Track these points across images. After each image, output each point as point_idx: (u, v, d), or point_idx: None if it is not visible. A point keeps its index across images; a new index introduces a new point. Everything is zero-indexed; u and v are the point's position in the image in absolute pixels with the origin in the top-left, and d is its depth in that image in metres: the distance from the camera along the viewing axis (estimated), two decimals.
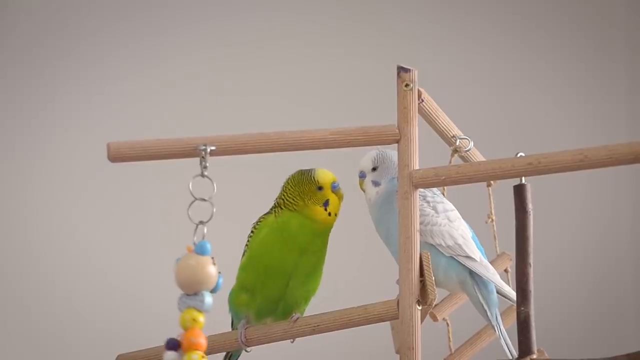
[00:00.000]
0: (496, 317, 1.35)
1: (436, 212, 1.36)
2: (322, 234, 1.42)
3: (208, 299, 1.16)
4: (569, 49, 2.41)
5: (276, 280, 1.40)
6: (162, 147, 1.24)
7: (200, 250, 1.16)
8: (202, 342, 1.15)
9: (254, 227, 1.44)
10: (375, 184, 1.39)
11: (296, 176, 1.44)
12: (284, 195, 1.43)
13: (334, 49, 2.37)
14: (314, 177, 1.42)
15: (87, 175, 2.27)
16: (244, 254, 1.43)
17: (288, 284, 1.40)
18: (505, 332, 1.35)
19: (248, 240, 1.44)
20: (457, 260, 1.34)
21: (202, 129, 1.44)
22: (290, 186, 1.43)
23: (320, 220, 1.41)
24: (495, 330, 1.35)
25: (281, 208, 1.42)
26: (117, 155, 1.23)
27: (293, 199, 1.42)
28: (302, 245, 1.40)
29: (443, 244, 1.34)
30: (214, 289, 1.17)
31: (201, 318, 1.15)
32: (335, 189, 1.43)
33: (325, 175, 1.43)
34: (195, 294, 1.16)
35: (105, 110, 2.29)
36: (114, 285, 2.25)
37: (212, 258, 1.16)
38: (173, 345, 1.15)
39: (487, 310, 1.35)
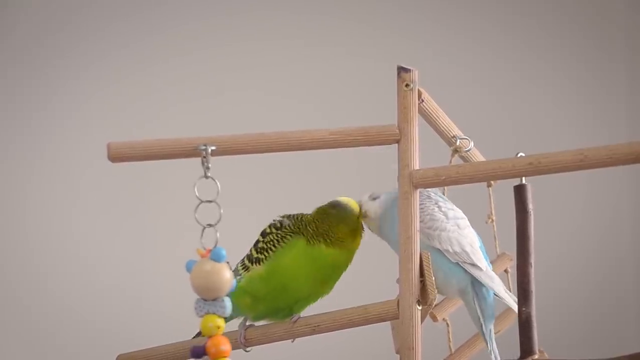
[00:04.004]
0: (490, 332, 1.34)
1: (447, 218, 1.35)
2: (348, 264, 1.40)
3: (229, 304, 1.16)
4: (569, 49, 2.41)
5: (287, 298, 1.38)
6: (162, 147, 1.24)
7: (215, 257, 1.15)
8: (228, 348, 1.15)
9: (278, 241, 1.39)
10: (374, 197, 1.39)
11: (340, 213, 1.39)
12: (329, 230, 1.38)
13: (334, 49, 2.37)
14: (353, 210, 1.39)
15: (87, 175, 2.27)
16: (257, 261, 1.39)
17: (297, 301, 1.39)
18: (496, 348, 1.34)
19: (265, 249, 1.39)
20: (461, 267, 1.34)
21: (202, 129, 1.44)
22: (341, 224, 1.38)
23: (355, 250, 1.40)
24: (487, 345, 1.34)
25: (316, 237, 1.38)
26: (117, 155, 1.22)
27: (341, 237, 1.38)
28: (329, 279, 1.38)
29: (450, 250, 1.34)
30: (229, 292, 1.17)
31: (223, 324, 1.16)
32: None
33: (356, 205, 1.40)
34: (214, 299, 1.16)
35: (105, 110, 2.29)
36: (114, 285, 2.25)
37: (228, 262, 1.16)
38: (199, 352, 1.15)
39: (483, 324, 1.34)
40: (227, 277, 1.15)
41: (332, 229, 1.38)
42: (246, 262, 1.41)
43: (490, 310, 1.34)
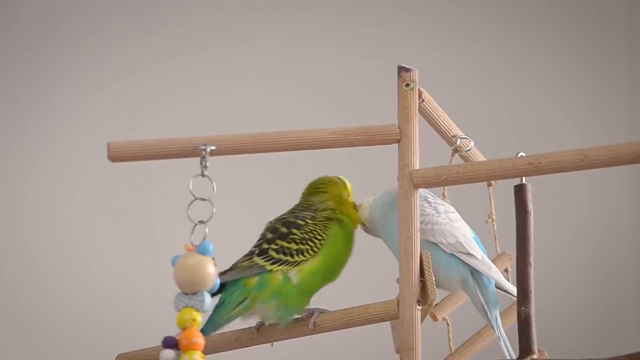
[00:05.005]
0: (496, 319, 1.35)
1: (437, 212, 1.36)
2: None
3: (208, 299, 1.16)
4: (570, 49, 2.41)
5: (324, 284, 1.38)
6: (162, 146, 1.24)
7: (202, 250, 1.15)
8: (201, 341, 1.15)
9: (321, 229, 1.37)
10: (372, 194, 1.40)
11: (317, 182, 1.43)
12: (324, 202, 1.41)
13: (335, 49, 2.37)
14: (347, 185, 1.42)
15: (87, 175, 2.27)
16: (301, 253, 1.36)
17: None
18: (504, 334, 1.35)
19: (309, 239, 1.36)
20: (458, 258, 1.34)
21: (202, 129, 1.44)
22: (328, 188, 1.42)
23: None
24: (494, 332, 1.35)
25: (332, 212, 1.40)
26: (117, 155, 1.23)
27: (331, 199, 1.41)
28: (350, 254, 1.40)
29: (444, 242, 1.34)
30: (212, 289, 1.17)
31: (199, 318, 1.16)
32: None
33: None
34: (195, 293, 1.16)
35: (105, 110, 2.29)
36: (113, 285, 2.25)
37: (213, 259, 1.16)
38: (170, 343, 1.15)
39: (488, 312, 1.35)
40: (210, 271, 1.15)
41: (323, 200, 1.40)
42: (284, 257, 1.36)
43: (493, 297, 1.35)
